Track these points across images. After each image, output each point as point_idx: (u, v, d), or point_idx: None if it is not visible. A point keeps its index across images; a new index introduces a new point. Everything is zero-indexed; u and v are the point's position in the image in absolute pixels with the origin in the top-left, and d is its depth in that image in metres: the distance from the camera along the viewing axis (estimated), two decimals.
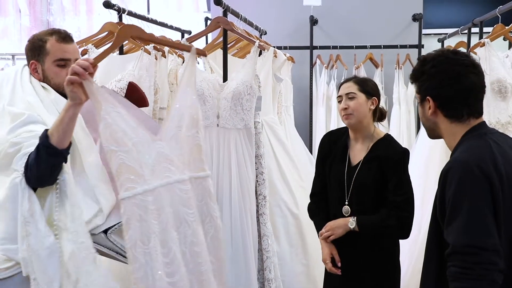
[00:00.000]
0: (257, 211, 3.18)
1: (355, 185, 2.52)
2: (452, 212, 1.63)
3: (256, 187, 3.17)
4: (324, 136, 2.81)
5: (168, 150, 1.86)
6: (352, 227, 2.46)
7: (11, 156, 1.91)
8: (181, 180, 1.87)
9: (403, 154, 2.51)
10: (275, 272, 3.25)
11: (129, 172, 1.76)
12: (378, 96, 2.62)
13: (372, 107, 2.57)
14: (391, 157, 2.48)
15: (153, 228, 1.77)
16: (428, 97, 1.81)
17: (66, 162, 1.90)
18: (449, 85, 1.76)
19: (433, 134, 1.90)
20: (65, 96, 2.11)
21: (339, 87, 2.68)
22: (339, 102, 2.62)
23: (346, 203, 2.54)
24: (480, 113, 1.81)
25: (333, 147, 2.68)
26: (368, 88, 2.58)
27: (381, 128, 2.72)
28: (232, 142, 3.06)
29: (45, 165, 1.83)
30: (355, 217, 2.47)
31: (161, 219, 1.80)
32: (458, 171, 1.65)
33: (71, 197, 1.89)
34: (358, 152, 2.59)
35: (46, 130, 1.86)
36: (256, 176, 3.17)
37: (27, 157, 1.86)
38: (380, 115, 2.63)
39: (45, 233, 1.86)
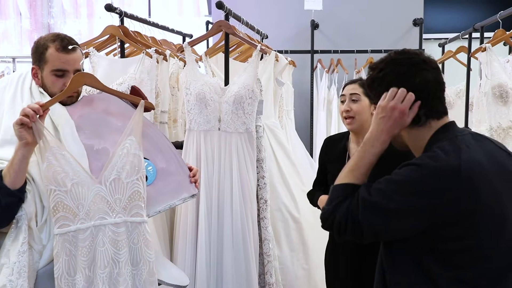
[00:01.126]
0: (258, 215, 3.18)
1: None
2: (382, 192, 1.55)
3: (257, 191, 3.17)
4: (325, 140, 2.81)
5: (106, 193, 1.99)
6: None
7: None
8: (114, 223, 2.00)
9: (406, 154, 2.46)
10: (276, 276, 3.24)
11: (65, 211, 1.93)
12: None
13: (374, 112, 2.55)
14: (393, 155, 2.44)
15: (81, 263, 1.94)
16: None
17: (23, 202, 1.91)
18: (398, 87, 1.64)
19: (398, 144, 1.76)
20: (62, 104, 2.12)
21: (343, 87, 2.67)
22: (342, 102, 2.61)
23: None
24: (441, 113, 1.67)
25: (333, 151, 2.67)
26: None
27: None
28: (234, 146, 3.06)
29: None
30: None
31: (90, 256, 1.96)
32: (418, 171, 1.53)
33: (25, 233, 1.90)
34: None
35: (1, 171, 1.89)
36: (257, 180, 3.17)
37: None
38: None
39: None
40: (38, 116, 1.90)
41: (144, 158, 2.14)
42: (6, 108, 2.07)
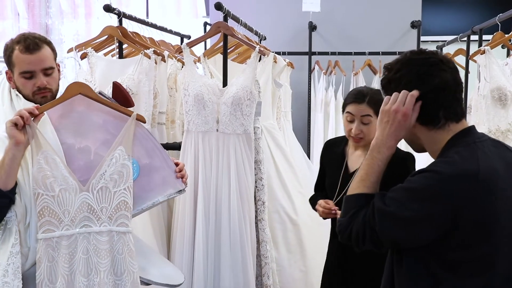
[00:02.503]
0: (256, 216, 3.18)
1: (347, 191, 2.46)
2: (396, 201, 1.53)
3: (255, 192, 3.17)
4: (325, 144, 2.77)
5: (92, 202, 1.99)
6: None
7: None
8: (99, 231, 2.00)
9: (408, 156, 2.41)
10: (273, 278, 3.24)
11: (51, 216, 1.93)
12: None
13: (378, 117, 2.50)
14: (396, 158, 2.35)
15: (63, 270, 1.94)
16: None
17: (13, 203, 1.91)
18: (417, 88, 1.59)
19: (416, 147, 1.72)
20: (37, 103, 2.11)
21: (348, 102, 2.48)
22: (349, 121, 2.46)
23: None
24: (460, 115, 1.62)
25: (332, 156, 2.65)
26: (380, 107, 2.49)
27: None
28: (232, 147, 3.05)
29: None
30: None
31: (72, 263, 1.96)
32: (430, 177, 1.51)
33: (16, 234, 1.90)
34: (356, 159, 2.53)
35: None
36: (255, 182, 3.16)
37: None
38: None
39: None
40: (32, 118, 1.91)
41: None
42: None
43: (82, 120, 2.10)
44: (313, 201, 2.68)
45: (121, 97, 2.21)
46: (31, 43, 2.06)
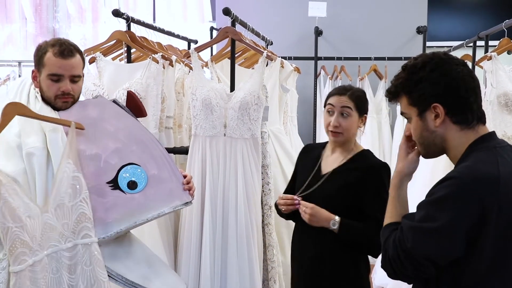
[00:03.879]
0: (263, 221, 3.18)
1: (314, 191, 2.37)
2: (426, 216, 1.52)
3: (262, 197, 3.18)
4: (303, 148, 2.69)
5: (53, 220, 1.95)
6: (334, 227, 2.26)
7: None
8: (65, 248, 1.97)
9: (384, 166, 2.36)
10: (280, 282, 3.25)
11: (23, 246, 1.87)
12: (367, 111, 2.46)
13: (361, 125, 2.43)
14: (372, 166, 2.34)
15: None
16: (435, 105, 1.60)
17: None
18: (458, 87, 1.58)
19: (433, 150, 1.68)
20: (54, 108, 2.14)
21: (331, 94, 2.46)
22: (329, 112, 2.42)
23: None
24: (485, 118, 1.64)
25: (307, 158, 2.56)
26: (362, 105, 2.41)
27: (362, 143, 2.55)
28: (239, 152, 3.06)
29: None
30: (340, 218, 2.27)
31: (47, 285, 1.92)
32: (454, 183, 1.50)
33: (4, 250, 1.88)
34: (331, 163, 2.45)
35: None
36: (262, 186, 3.17)
37: None
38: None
39: None
40: None
41: (135, 164, 2.12)
42: None
43: (95, 127, 2.11)
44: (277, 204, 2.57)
45: (134, 106, 2.23)
46: (66, 48, 2.11)
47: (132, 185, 2.11)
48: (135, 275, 2.10)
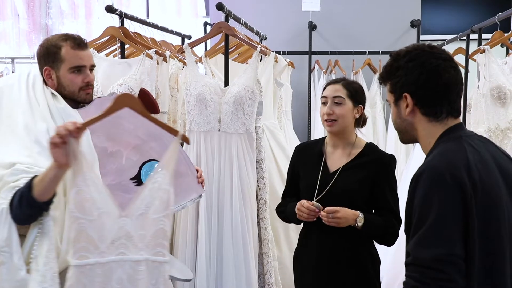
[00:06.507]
0: (258, 215, 3.20)
1: (330, 191, 2.35)
2: (418, 222, 1.52)
3: (257, 191, 3.19)
4: (296, 148, 2.63)
5: (131, 228, 1.83)
6: (360, 224, 2.26)
7: (6, 183, 1.87)
8: (135, 260, 1.84)
9: (393, 159, 2.41)
10: (275, 276, 3.26)
11: (87, 241, 1.77)
12: (364, 103, 2.47)
13: (357, 116, 2.43)
14: (381, 160, 2.38)
15: None
16: (405, 94, 1.64)
17: (46, 211, 1.85)
18: (429, 80, 1.61)
19: (407, 137, 1.74)
20: (78, 103, 2.13)
21: (325, 86, 2.49)
22: (323, 103, 2.43)
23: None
24: (459, 112, 1.67)
25: (307, 157, 2.52)
26: (356, 95, 2.42)
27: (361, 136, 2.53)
28: (234, 147, 3.07)
29: (21, 211, 1.81)
30: (362, 214, 2.28)
31: None
32: (429, 177, 1.52)
33: (51, 239, 1.84)
34: (337, 159, 2.43)
35: (33, 178, 1.81)
36: (257, 181, 3.19)
37: (14, 192, 1.83)
38: (362, 122, 2.49)
39: (19, 266, 1.82)
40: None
41: (155, 160, 2.14)
42: (23, 107, 2.02)
43: (115, 124, 2.07)
44: (282, 209, 2.54)
45: (147, 103, 2.22)
46: (81, 40, 2.13)
47: None
48: None
